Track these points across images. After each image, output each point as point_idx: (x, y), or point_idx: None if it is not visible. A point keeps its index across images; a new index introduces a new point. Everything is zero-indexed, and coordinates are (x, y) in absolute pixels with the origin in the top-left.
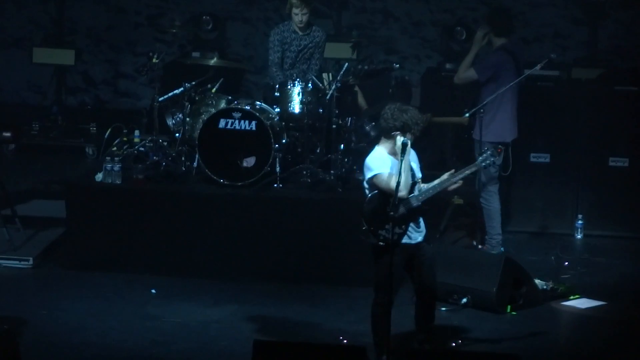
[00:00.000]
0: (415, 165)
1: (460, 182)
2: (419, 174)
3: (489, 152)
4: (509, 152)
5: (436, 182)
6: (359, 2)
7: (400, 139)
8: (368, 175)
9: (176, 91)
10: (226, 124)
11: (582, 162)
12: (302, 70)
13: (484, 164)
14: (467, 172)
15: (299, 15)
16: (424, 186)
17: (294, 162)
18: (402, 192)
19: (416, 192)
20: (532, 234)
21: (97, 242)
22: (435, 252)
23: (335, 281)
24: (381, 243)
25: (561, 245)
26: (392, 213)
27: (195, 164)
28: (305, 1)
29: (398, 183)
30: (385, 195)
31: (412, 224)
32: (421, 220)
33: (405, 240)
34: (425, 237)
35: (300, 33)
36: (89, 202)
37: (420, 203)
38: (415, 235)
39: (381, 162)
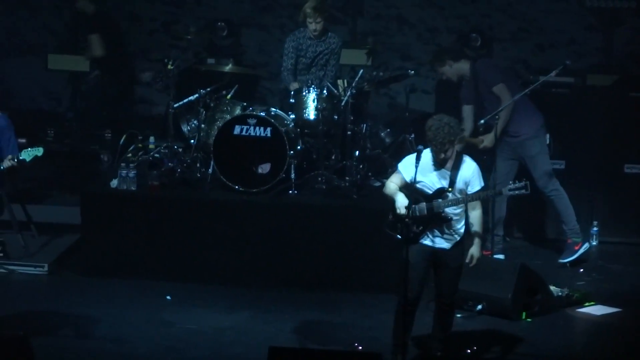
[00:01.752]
0: (448, 175)
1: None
2: (460, 185)
3: (523, 184)
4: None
5: (461, 197)
6: (374, 9)
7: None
8: None
9: (191, 97)
10: (241, 130)
11: (597, 168)
12: (318, 77)
13: (511, 192)
14: (492, 193)
15: (312, 24)
16: (451, 196)
17: (309, 169)
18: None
19: (441, 200)
20: (547, 241)
21: (112, 248)
22: (462, 263)
23: (351, 288)
24: (398, 236)
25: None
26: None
27: (210, 171)
28: (318, 11)
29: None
30: (409, 192)
31: (439, 229)
32: (454, 228)
33: (427, 242)
34: (455, 246)
35: (316, 39)
36: (104, 209)
37: (442, 210)
38: (440, 240)
39: (408, 163)
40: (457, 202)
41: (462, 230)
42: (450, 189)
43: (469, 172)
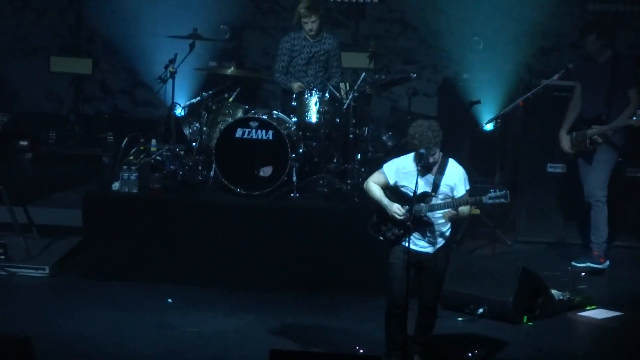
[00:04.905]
0: (432, 179)
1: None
2: (445, 190)
3: (502, 193)
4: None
5: (443, 202)
6: (377, 12)
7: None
8: None
9: (193, 100)
10: (243, 133)
11: None
12: (318, 78)
13: (491, 201)
14: (472, 200)
15: (308, 24)
16: (436, 200)
17: (311, 172)
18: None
19: (424, 204)
20: (548, 245)
21: (113, 251)
22: (446, 268)
23: (352, 291)
24: (380, 237)
25: (578, 255)
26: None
27: (212, 174)
28: (312, 10)
29: (414, 192)
30: (392, 195)
31: (422, 233)
32: (438, 233)
33: (410, 245)
34: (439, 250)
35: (312, 40)
36: (106, 211)
37: (424, 214)
38: (423, 244)
39: (393, 166)
40: (439, 207)
41: (447, 235)
42: (433, 194)
43: (455, 177)
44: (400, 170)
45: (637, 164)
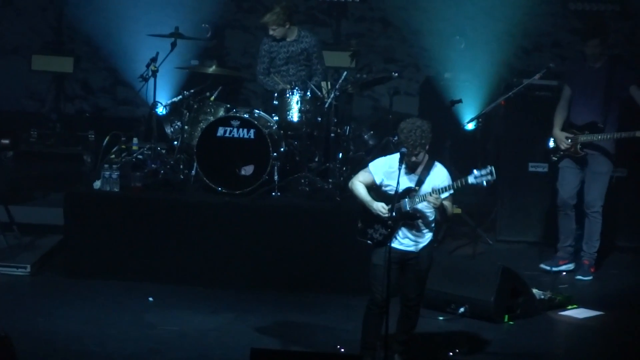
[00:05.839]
0: (416, 178)
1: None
2: (428, 189)
3: (488, 170)
4: None
5: (427, 193)
6: (358, 11)
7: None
8: None
9: (175, 99)
10: (224, 132)
11: None
12: (301, 77)
13: (477, 180)
14: (457, 185)
15: (270, 32)
16: (421, 193)
17: (292, 171)
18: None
19: (408, 199)
20: (529, 244)
21: (94, 249)
22: (429, 268)
23: (333, 290)
24: (369, 242)
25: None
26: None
27: (193, 172)
28: (272, 22)
29: (396, 191)
30: (376, 194)
31: (406, 231)
32: (423, 232)
33: (394, 244)
34: (422, 249)
35: (288, 39)
36: (87, 210)
37: (409, 208)
38: (407, 242)
39: (379, 164)
40: (424, 198)
41: (431, 234)
42: (417, 188)
43: (439, 180)
44: (387, 169)
45: (621, 164)
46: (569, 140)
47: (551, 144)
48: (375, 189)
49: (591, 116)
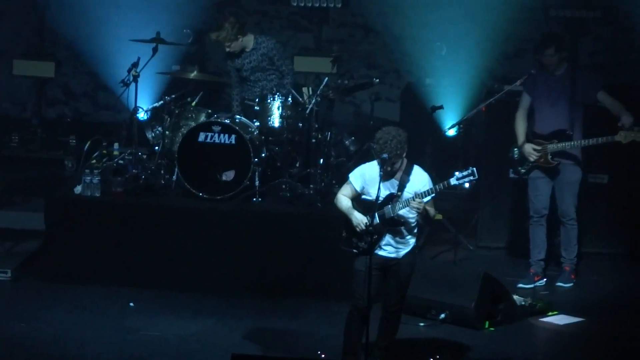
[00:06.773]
0: (396, 184)
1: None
2: (409, 195)
3: (469, 171)
4: None
5: (410, 196)
6: (340, 17)
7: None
8: None
9: (156, 104)
10: (206, 137)
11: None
12: (273, 81)
13: (459, 182)
14: (439, 188)
15: (229, 49)
16: (403, 198)
17: (273, 176)
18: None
19: (391, 205)
20: (510, 250)
21: (75, 254)
22: (411, 274)
23: (314, 295)
24: (354, 250)
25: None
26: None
27: (174, 177)
28: (224, 38)
29: (377, 197)
30: (359, 204)
31: (389, 238)
32: (406, 238)
33: (377, 251)
34: (405, 256)
35: (247, 50)
36: (68, 215)
37: (394, 214)
38: (390, 249)
39: (359, 173)
40: (407, 203)
41: (414, 240)
42: (399, 193)
43: (420, 183)
44: (366, 176)
45: (600, 170)
46: (539, 151)
47: (515, 155)
48: (358, 200)
49: (558, 124)
